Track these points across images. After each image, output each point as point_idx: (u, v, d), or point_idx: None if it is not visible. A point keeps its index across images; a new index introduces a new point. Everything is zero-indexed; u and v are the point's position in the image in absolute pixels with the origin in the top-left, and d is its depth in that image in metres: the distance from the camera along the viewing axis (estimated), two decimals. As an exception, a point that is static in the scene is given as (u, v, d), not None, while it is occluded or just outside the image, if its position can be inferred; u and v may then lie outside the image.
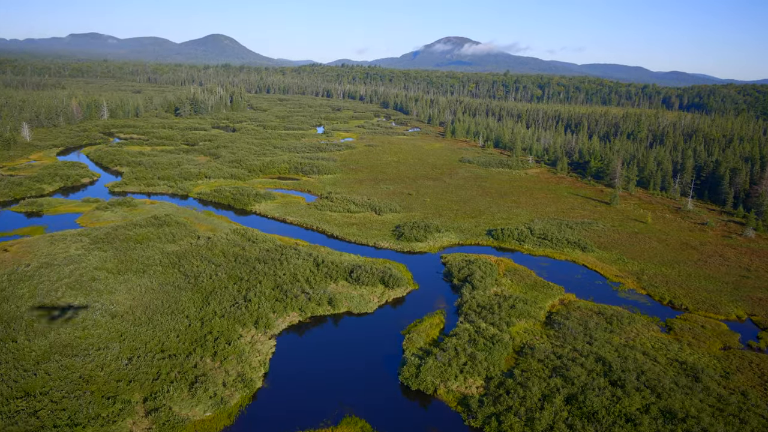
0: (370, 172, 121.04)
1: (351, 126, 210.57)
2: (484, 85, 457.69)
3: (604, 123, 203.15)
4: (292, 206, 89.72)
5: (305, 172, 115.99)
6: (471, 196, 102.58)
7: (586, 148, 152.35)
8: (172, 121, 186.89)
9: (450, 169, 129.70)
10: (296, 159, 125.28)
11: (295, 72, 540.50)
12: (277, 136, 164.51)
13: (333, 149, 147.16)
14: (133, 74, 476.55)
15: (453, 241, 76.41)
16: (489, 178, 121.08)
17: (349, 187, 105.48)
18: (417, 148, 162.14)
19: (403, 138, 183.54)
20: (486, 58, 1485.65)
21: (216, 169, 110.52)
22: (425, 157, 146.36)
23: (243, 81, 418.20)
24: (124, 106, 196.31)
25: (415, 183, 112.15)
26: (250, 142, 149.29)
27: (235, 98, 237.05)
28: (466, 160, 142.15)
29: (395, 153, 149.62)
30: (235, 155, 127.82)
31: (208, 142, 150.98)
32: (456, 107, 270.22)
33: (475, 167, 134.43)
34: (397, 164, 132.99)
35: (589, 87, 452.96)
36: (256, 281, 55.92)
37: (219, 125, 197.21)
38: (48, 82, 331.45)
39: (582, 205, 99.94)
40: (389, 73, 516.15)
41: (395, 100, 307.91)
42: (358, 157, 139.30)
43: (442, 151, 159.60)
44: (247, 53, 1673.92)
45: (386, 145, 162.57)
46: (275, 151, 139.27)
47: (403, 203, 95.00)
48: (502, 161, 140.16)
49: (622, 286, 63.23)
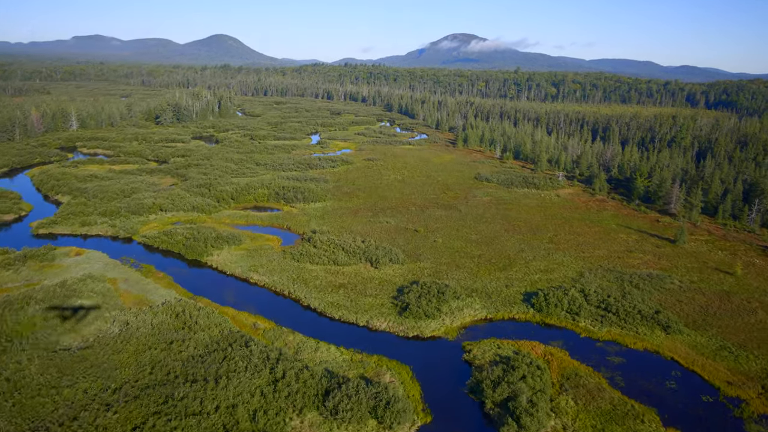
0: (367, 198, 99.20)
1: (350, 133, 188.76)
2: (495, 83, 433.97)
3: (636, 127, 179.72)
4: (261, 255, 68.17)
5: (288, 200, 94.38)
6: (495, 233, 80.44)
7: (624, 160, 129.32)
8: (149, 132, 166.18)
9: (465, 191, 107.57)
10: (279, 181, 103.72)
11: (296, 72, 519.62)
12: (264, 149, 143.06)
13: (326, 165, 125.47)
14: (127, 77, 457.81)
15: (478, 314, 54.43)
16: (514, 204, 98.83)
17: (340, 222, 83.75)
18: (424, 161, 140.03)
19: (408, 148, 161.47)
20: (493, 55, 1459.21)
21: (177, 199, 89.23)
22: (434, 173, 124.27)
23: (240, 83, 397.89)
24: (98, 115, 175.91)
25: (423, 213, 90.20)
26: (229, 157, 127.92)
27: (223, 103, 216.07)
28: (484, 177, 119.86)
29: (399, 169, 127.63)
30: (207, 176, 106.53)
31: (181, 158, 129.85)
32: (466, 110, 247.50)
33: (494, 187, 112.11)
34: (400, 185, 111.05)
35: (606, 84, 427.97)
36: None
37: (202, 135, 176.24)
38: (32, 86, 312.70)
39: (639, 245, 77.46)
40: (394, 73, 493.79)
41: (400, 102, 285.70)
42: (354, 176, 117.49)
43: (453, 164, 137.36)
44: (251, 53, 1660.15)
45: (389, 158, 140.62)
46: (257, 169, 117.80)
47: (408, 246, 73.14)
48: (526, 178, 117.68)
49: (745, 407, 40.99)
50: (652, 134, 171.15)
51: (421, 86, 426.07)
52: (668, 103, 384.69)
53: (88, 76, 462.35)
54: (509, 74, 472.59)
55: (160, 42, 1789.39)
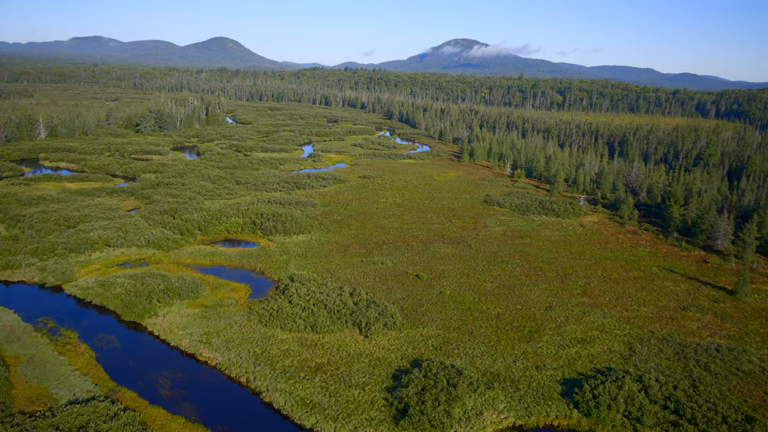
0: (360, 229, 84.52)
1: (346, 145, 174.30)
2: (499, 90, 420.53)
3: (657, 141, 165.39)
4: (220, 315, 53.44)
5: (266, 232, 79.66)
6: (514, 280, 65.78)
7: (653, 182, 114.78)
8: (124, 142, 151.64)
9: (474, 219, 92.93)
10: (259, 206, 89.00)
11: (294, 76, 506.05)
12: (248, 164, 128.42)
13: (316, 184, 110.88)
14: (119, 79, 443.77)
15: (503, 421, 39.54)
16: (532, 237, 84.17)
17: (326, 263, 69.08)
18: (427, 179, 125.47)
19: (409, 163, 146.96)
20: (495, 61, 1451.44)
21: (131, 230, 74.54)
22: (438, 194, 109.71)
23: (235, 87, 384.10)
24: (70, 123, 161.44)
25: (426, 250, 75.53)
26: (206, 175, 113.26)
27: (211, 110, 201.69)
28: (494, 200, 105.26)
29: (398, 189, 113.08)
30: (176, 199, 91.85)
31: (152, 174, 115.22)
32: (471, 119, 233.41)
33: (507, 214, 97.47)
34: (400, 210, 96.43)
35: (613, 92, 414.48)
36: None
37: (184, 145, 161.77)
38: (14, 89, 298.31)
39: (693, 298, 62.79)
40: (395, 78, 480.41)
41: (401, 109, 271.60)
42: (347, 198, 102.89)
43: (459, 183, 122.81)
44: (252, 56, 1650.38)
45: (387, 175, 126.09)
46: (236, 189, 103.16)
47: (408, 300, 58.48)
48: (543, 203, 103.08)
49: None
50: (675, 149, 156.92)
51: (423, 92, 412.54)
52: (677, 112, 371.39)
53: (79, 79, 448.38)
54: (513, 81, 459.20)
55: (159, 44, 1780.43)
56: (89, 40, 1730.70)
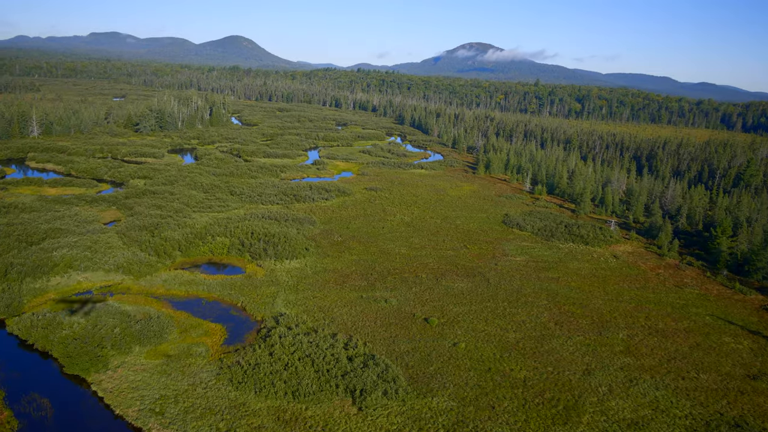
0: (362, 254, 74.45)
1: (354, 151, 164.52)
2: (514, 96, 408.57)
3: (690, 157, 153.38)
4: (184, 371, 43.69)
5: (255, 255, 69.93)
6: (542, 328, 55.26)
7: (692, 205, 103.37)
8: (119, 142, 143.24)
9: (492, 244, 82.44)
10: (250, 223, 79.35)
11: (305, 77, 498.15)
12: (246, 171, 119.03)
13: (317, 197, 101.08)
14: (130, 75, 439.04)
15: None
16: (559, 269, 73.50)
17: (320, 298, 59.14)
18: (439, 193, 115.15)
19: (420, 174, 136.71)
20: (510, 65, 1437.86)
21: (101, 250, 65.26)
22: (452, 212, 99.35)
23: (245, 86, 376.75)
24: (66, 120, 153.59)
25: (437, 284, 65.26)
26: (199, 183, 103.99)
27: (215, 110, 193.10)
28: (514, 221, 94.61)
29: (407, 204, 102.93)
30: (160, 211, 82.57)
31: (142, 180, 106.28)
32: (486, 126, 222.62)
33: (530, 239, 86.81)
34: (408, 231, 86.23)
35: (634, 101, 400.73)
36: None
37: (183, 147, 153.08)
38: (21, 83, 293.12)
39: (761, 361, 51.71)
40: (407, 81, 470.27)
41: (413, 114, 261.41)
42: (350, 215, 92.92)
43: (475, 199, 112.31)
44: (266, 55, 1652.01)
45: (395, 188, 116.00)
46: (229, 201, 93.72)
47: (415, 355, 48.32)
48: (569, 227, 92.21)
49: None
50: (710, 167, 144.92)
51: (436, 96, 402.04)
52: (701, 123, 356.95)
53: (90, 74, 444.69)
54: (530, 87, 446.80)
55: (175, 41, 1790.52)
56: (107, 35, 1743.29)
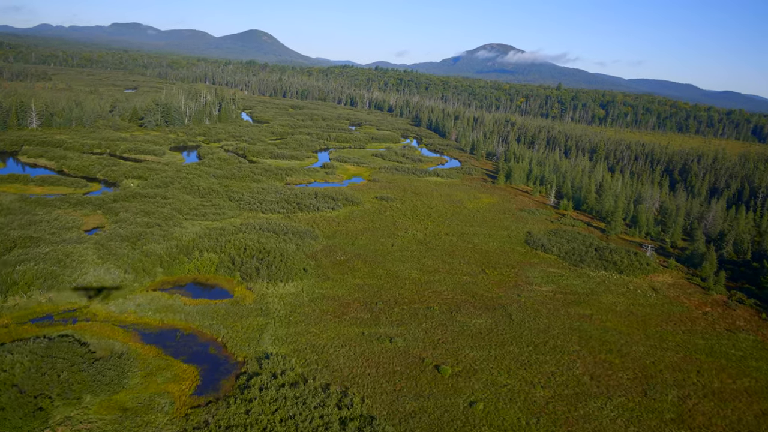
0: (367, 276, 65.98)
1: (366, 154, 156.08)
2: (536, 99, 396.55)
3: (727, 173, 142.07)
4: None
5: (246, 275, 61.86)
6: (575, 383, 46.28)
7: (738, 231, 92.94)
8: (119, 137, 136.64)
9: (514, 269, 73.37)
10: (244, 237, 71.35)
11: (322, 73, 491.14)
12: (249, 174, 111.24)
13: (322, 206, 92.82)
14: (145, 67, 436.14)
15: None
16: (591, 304, 64.24)
17: (315, 334, 50.83)
18: (456, 206, 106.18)
19: (435, 182, 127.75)
20: (530, 68, 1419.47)
21: (72, 265, 57.77)
22: (469, 229, 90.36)
23: (260, 81, 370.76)
24: (68, 112, 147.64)
25: (452, 319, 56.52)
26: (196, 186, 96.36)
27: (224, 106, 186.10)
28: (539, 242, 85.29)
29: (421, 218, 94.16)
30: (147, 218, 75.03)
31: (136, 180, 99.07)
32: (506, 131, 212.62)
33: (556, 264, 77.50)
34: (420, 250, 77.51)
35: (660, 109, 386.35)
36: None
37: (186, 144, 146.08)
38: (33, 71, 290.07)
39: None
40: (426, 80, 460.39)
41: (430, 115, 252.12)
42: (357, 228, 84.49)
43: (494, 213, 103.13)
44: (285, 51, 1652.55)
45: (408, 197, 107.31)
46: (226, 208, 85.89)
47: (423, 418, 39.70)
48: (600, 251, 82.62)
49: None
50: (750, 185, 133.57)
51: (455, 98, 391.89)
52: (731, 134, 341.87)
53: (106, 64, 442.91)
54: (551, 90, 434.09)
55: (195, 34, 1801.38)
56: (128, 26, 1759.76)
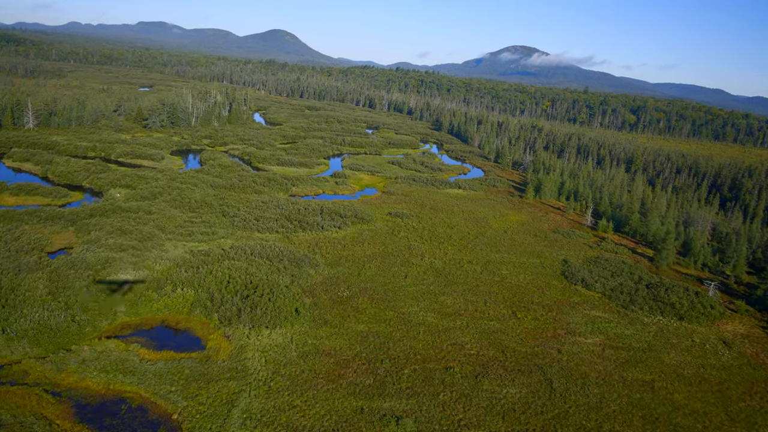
0: (373, 321, 54.34)
1: (382, 161, 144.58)
2: (562, 104, 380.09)
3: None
4: None
5: (225, 318, 50.85)
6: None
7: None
8: (117, 139, 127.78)
9: (551, 313, 60.91)
10: (230, 266, 60.41)
11: (342, 74, 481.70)
12: (251, 184, 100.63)
13: (329, 224, 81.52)
14: (163, 65, 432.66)
15: None
16: (651, 365, 51.51)
17: (300, 409, 39.29)
18: (480, 225, 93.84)
19: (456, 195, 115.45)
20: (555, 71, 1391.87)
21: (15, 304, 47.58)
22: (496, 255, 78.05)
23: (277, 81, 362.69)
24: (68, 111, 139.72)
25: (476, 389, 44.52)
26: (187, 198, 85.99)
27: (235, 107, 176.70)
28: (578, 274, 72.49)
29: (439, 240, 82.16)
30: (124, 239, 64.73)
31: (124, 189, 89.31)
32: (533, 137, 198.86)
33: (601, 305, 64.74)
34: (438, 284, 65.59)
35: (695, 116, 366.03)
36: None
37: (190, 148, 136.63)
38: (48, 67, 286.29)
39: None
40: (448, 82, 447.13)
41: (452, 119, 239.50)
42: (365, 254, 72.91)
43: (524, 236, 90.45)
44: (307, 50, 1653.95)
45: (426, 214, 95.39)
46: (217, 226, 75.26)
47: None
48: (652, 288, 69.51)
49: None
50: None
51: (477, 100, 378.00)
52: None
53: (125, 62, 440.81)
54: (578, 94, 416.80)
55: (219, 33, 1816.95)
56: (154, 25, 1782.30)
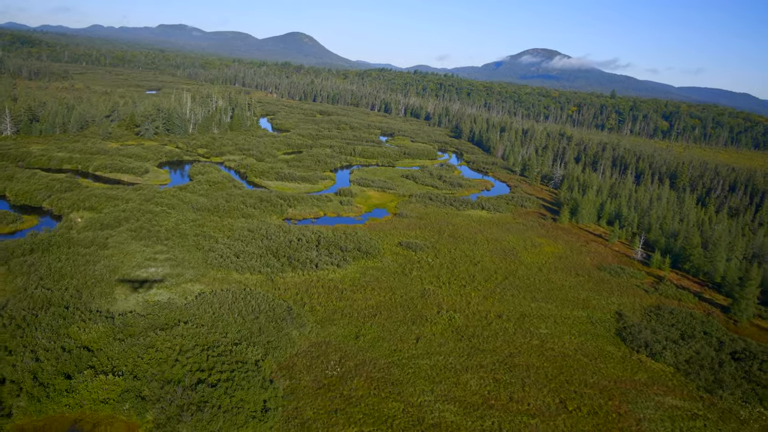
0: (369, 421, 39.24)
1: (395, 175, 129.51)
2: (589, 109, 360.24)
3: None
4: None
5: (162, 421, 36.37)
6: None
7: None
8: (103, 149, 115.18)
9: (612, 406, 45.00)
10: (183, 332, 46.02)
11: (358, 76, 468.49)
12: (239, 206, 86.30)
13: (325, 260, 66.70)
14: (176, 67, 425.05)
15: None
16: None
17: None
18: (509, 259, 77.97)
19: (479, 218, 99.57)
20: (576, 74, 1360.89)
21: None
22: (531, 306, 62.25)
23: (290, 84, 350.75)
24: (52, 117, 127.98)
25: None
26: (158, 226, 72.09)
27: (238, 112, 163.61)
28: (641, 339, 56.19)
29: (461, 284, 66.64)
30: (59, 285, 50.87)
31: (88, 212, 75.93)
32: (563, 146, 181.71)
33: (677, 385, 48.57)
34: (459, 351, 50.16)
35: (732, 122, 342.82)
36: None
37: (181, 159, 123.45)
38: (53, 69, 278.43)
39: None
40: (467, 86, 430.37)
41: (472, 126, 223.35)
42: (367, 305, 57.80)
43: (564, 275, 74.34)
44: (325, 53, 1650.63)
45: (444, 244, 79.95)
46: (184, 265, 61.06)
47: None
48: (739, 358, 53.00)
49: None
50: None
51: (499, 105, 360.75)
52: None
53: (138, 64, 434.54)
54: (606, 99, 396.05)
55: (239, 35, 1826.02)
56: (174, 28, 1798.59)
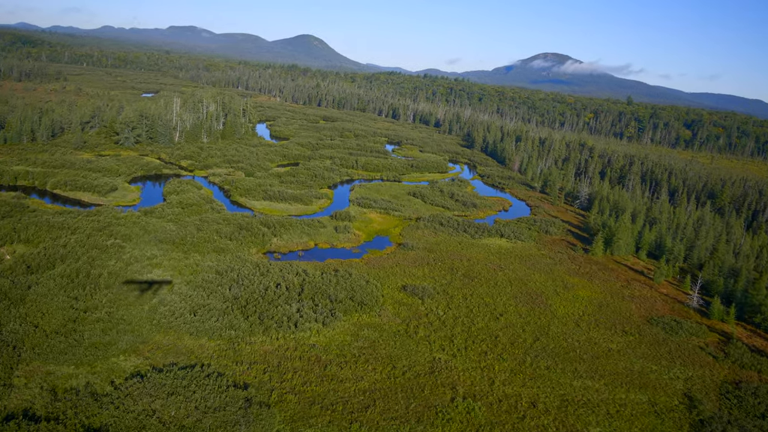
0: None
1: (401, 192, 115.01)
2: (607, 116, 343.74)
3: None
4: None
5: None
6: None
7: None
8: (71, 160, 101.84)
9: None
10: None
11: (366, 80, 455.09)
12: (211, 237, 72.35)
13: (307, 316, 52.28)
14: (178, 68, 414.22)
15: None
16: None
17: None
18: (537, 308, 63.06)
19: (498, 251, 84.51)
20: (587, 79, 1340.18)
21: None
22: (574, 388, 47.35)
23: (294, 88, 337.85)
24: (19, 124, 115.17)
25: None
26: (101, 268, 58.18)
27: (231, 119, 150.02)
28: (726, 443, 41.33)
29: (480, 350, 51.82)
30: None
31: (21, 245, 62.26)
32: (584, 158, 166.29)
33: None
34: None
35: (759, 132, 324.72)
36: None
37: (160, 172, 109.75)
38: (47, 70, 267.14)
39: None
40: (479, 90, 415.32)
41: (485, 134, 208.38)
42: (357, 387, 43.25)
43: (607, 334, 59.27)
44: (335, 56, 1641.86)
45: (457, 288, 65.21)
46: (116, 330, 46.96)
47: None
48: None
49: None
50: None
51: (512, 111, 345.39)
52: None
53: (141, 65, 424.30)
54: (623, 105, 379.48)
55: (249, 37, 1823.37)
56: (184, 29, 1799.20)
